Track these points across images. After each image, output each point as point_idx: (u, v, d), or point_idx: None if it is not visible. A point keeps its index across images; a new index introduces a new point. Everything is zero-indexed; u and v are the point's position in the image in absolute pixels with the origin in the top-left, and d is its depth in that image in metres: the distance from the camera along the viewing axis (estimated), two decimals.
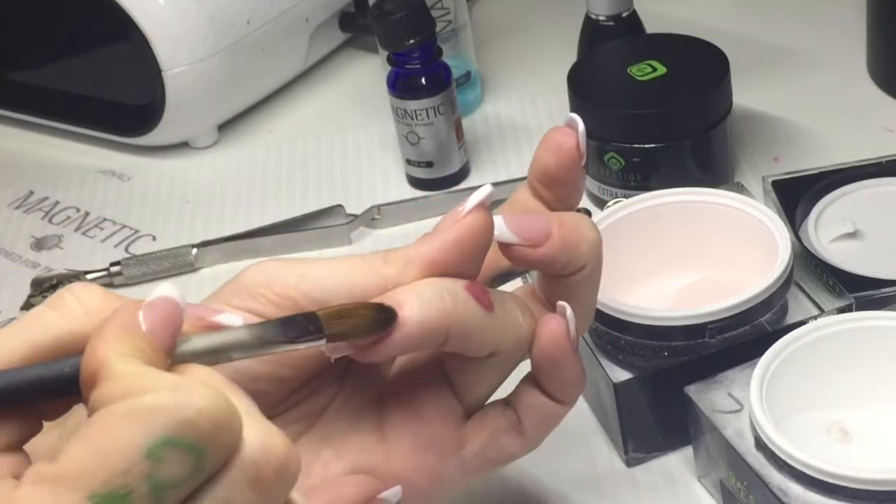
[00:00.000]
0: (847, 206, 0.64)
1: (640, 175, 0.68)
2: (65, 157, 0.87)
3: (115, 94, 0.85)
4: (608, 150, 0.68)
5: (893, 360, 0.51)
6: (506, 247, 0.42)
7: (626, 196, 0.62)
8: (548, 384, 0.44)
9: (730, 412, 0.49)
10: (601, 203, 0.69)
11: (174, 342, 0.33)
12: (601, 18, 0.77)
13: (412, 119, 0.74)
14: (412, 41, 0.72)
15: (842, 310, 0.54)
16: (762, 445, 0.47)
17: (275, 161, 0.83)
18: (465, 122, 0.78)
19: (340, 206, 0.75)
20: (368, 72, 0.90)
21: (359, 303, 0.39)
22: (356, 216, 0.74)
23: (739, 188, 0.61)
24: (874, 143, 0.72)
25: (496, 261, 0.43)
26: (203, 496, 0.30)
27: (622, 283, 0.57)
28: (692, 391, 0.51)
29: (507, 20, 0.94)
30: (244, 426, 0.30)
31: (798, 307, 0.55)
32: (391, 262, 0.41)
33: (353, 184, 0.79)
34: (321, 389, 0.44)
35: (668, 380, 0.52)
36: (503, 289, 0.45)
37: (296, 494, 0.32)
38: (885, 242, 0.62)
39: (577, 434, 0.57)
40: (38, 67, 0.89)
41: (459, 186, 0.76)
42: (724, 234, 0.58)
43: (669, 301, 0.58)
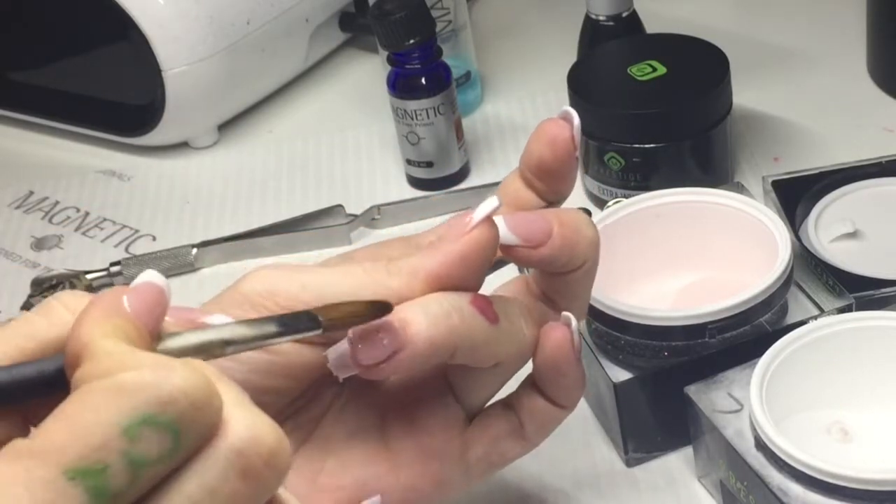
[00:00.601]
0: (847, 206, 0.64)
1: (640, 175, 0.68)
2: (65, 157, 0.87)
3: (115, 94, 0.85)
4: (608, 150, 0.68)
5: (893, 360, 0.51)
6: (506, 247, 0.42)
7: (626, 196, 0.62)
8: (550, 390, 0.44)
9: (730, 412, 0.49)
10: (601, 203, 0.69)
11: (158, 326, 0.32)
12: (601, 18, 0.77)
13: (412, 119, 0.74)
14: (412, 41, 0.72)
15: (842, 310, 0.54)
16: (762, 445, 0.47)
17: (275, 161, 0.83)
18: (465, 122, 0.78)
19: (340, 206, 0.75)
20: (368, 72, 0.90)
21: (353, 300, 0.39)
22: (356, 216, 0.74)
23: (739, 188, 0.61)
24: (874, 143, 0.72)
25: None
26: (186, 480, 0.29)
27: (622, 283, 0.57)
28: (692, 391, 0.51)
29: (507, 20, 0.94)
30: (233, 414, 0.30)
31: (798, 307, 0.55)
32: (395, 274, 0.40)
33: (353, 184, 0.79)
34: (319, 396, 0.44)
35: (668, 380, 0.52)
36: (496, 278, 0.45)
37: (285, 494, 0.32)
38: (885, 242, 0.62)
39: (577, 434, 0.57)
40: (38, 67, 0.89)
41: (459, 186, 0.76)
42: (724, 234, 0.58)
43: (669, 301, 0.58)
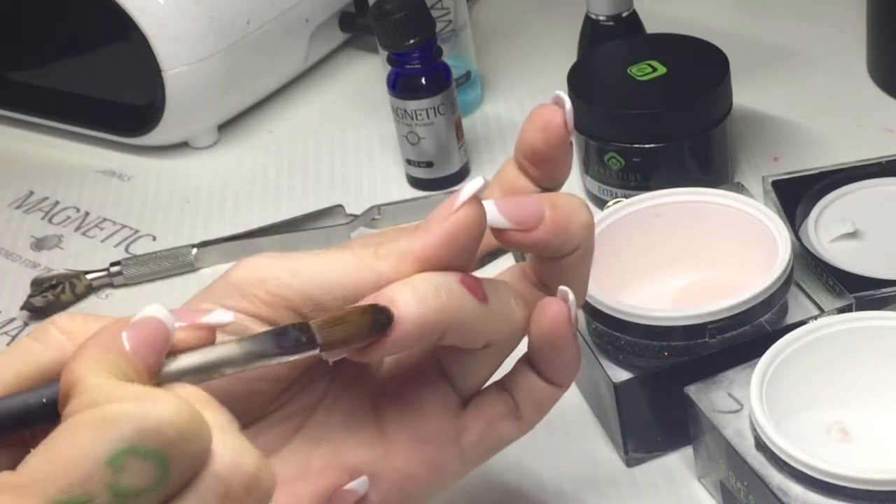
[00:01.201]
0: (847, 206, 0.64)
1: (640, 175, 0.68)
2: (65, 157, 0.87)
3: (115, 94, 0.85)
4: (608, 150, 0.68)
5: (893, 360, 0.51)
6: (499, 231, 0.42)
7: (626, 196, 0.62)
8: (545, 367, 0.44)
9: (730, 412, 0.49)
10: (601, 203, 0.69)
11: (159, 362, 0.32)
12: (601, 18, 0.77)
13: (412, 119, 0.74)
14: (412, 41, 0.72)
15: (842, 310, 0.54)
16: (762, 445, 0.47)
17: (275, 161, 0.83)
18: (465, 122, 0.78)
19: (340, 206, 0.75)
20: (368, 72, 0.90)
21: (353, 308, 0.38)
22: (356, 216, 0.74)
23: (739, 188, 0.61)
24: (874, 143, 0.72)
25: (486, 239, 0.43)
26: None
27: (622, 283, 0.57)
28: (692, 391, 0.51)
29: (507, 20, 0.94)
30: (216, 440, 0.30)
31: (798, 307, 0.55)
32: (384, 258, 0.40)
33: (353, 184, 0.79)
34: (313, 384, 0.43)
35: (668, 380, 0.52)
36: (493, 268, 0.45)
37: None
38: (885, 242, 0.62)
39: (577, 434, 0.57)
40: (38, 67, 0.89)
41: (459, 186, 0.76)
42: (724, 234, 0.58)
43: (669, 301, 0.58)
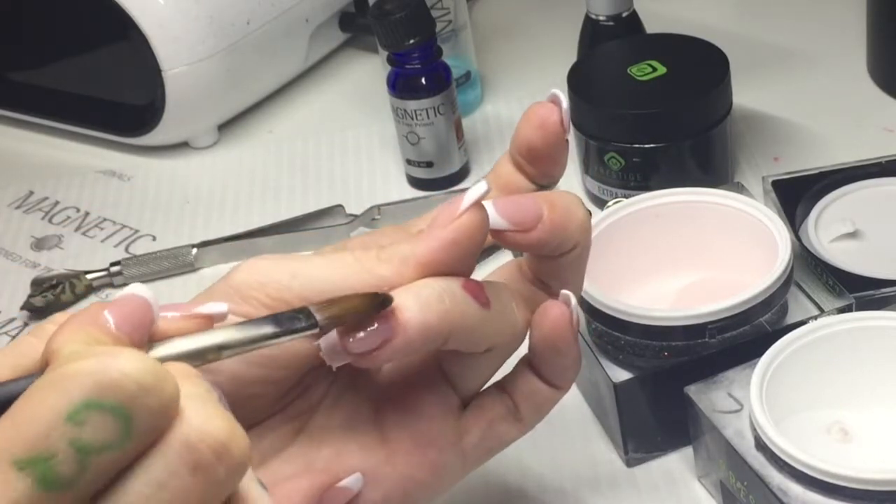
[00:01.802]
0: (847, 206, 0.64)
1: (640, 175, 0.68)
2: (65, 157, 0.87)
3: (115, 94, 0.85)
4: (608, 150, 0.68)
5: (893, 360, 0.51)
6: (496, 232, 0.41)
7: (626, 196, 0.62)
8: (546, 370, 0.44)
9: (730, 412, 0.49)
10: (601, 203, 0.69)
11: (142, 338, 0.32)
12: (601, 18, 0.77)
13: (412, 119, 0.74)
14: (412, 41, 0.72)
15: (842, 310, 0.54)
16: (762, 445, 0.47)
17: (275, 161, 0.83)
18: (465, 122, 0.78)
19: (340, 206, 0.75)
20: (368, 72, 0.90)
21: (351, 294, 0.38)
22: (356, 216, 0.74)
23: (739, 188, 0.61)
24: (874, 143, 0.72)
25: None
26: (136, 475, 0.29)
27: (622, 283, 0.57)
28: (692, 391, 0.51)
29: (507, 20, 0.94)
30: (187, 406, 0.29)
31: (798, 307, 0.55)
32: (386, 262, 0.40)
33: (353, 184, 0.79)
34: (313, 386, 0.43)
35: (668, 380, 0.52)
36: (490, 264, 0.45)
37: (251, 483, 0.32)
38: (885, 242, 0.62)
39: (577, 434, 0.57)
40: (38, 67, 0.89)
41: (459, 186, 0.76)
42: (724, 234, 0.58)
43: (669, 301, 0.58)
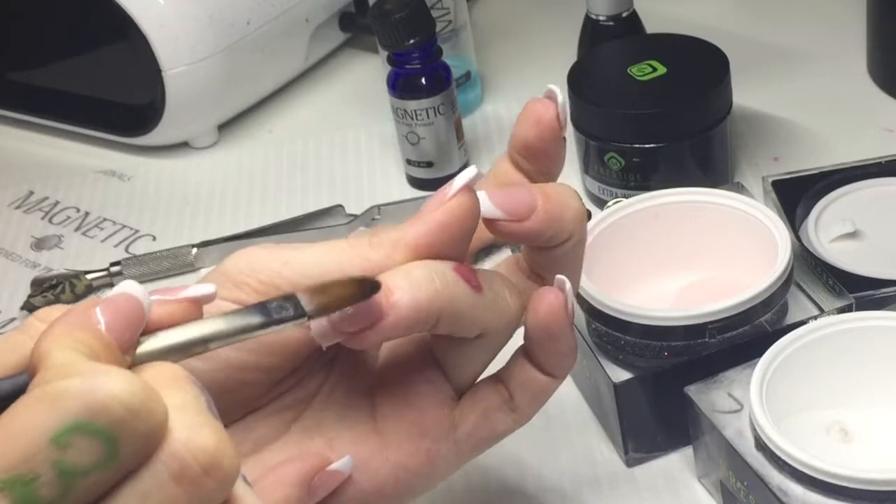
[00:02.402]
0: (847, 206, 0.64)
1: (640, 175, 0.68)
2: (65, 157, 0.87)
3: (115, 94, 0.85)
4: (608, 150, 0.68)
5: (893, 360, 0.51)
6: (490, 222, 0.41)
7: (626, 196, 0.62)
8: (541, 358, 0.44)
9: (730, 412, 0.49)
10: (601, 203, 0.69)
11: (133, 338, 0.32)
12: (601, 18, 0.77)
13: (412, 119, 0.74)
14: (412, 41, 0.72)
15: (842, 310, 0.54)
16: (762, 445, 0.47)
17: (275, 161, 0.83)
18: (465, 122, 0.78)
19: (340, 206, 0.75)
20: (368, 72, 0.90)
21: (339, 278, 0.38)
22: (356, 216, 0.74)
23: (739, 188, 0.61)
24: (874, 143, 0.72)
25: (481, 234, 0.43)
26: (122, 490, 0.29)
27: (622, 283, 0.57)
28: (692, 391, 0.51)
29: (507, 20, 0.94)
30: (174, 419, 0.29)
31: (798, 307, 0.55)
32: (377, 246, 0.40)
33: (353, 184, 0.79)
34: (309, 377, 0.43)
35: (668, 380, 0.52)
36: (490, 263, 0.45)
37: (242, 489, 0.31)
38: (885, 242, 0.62)
39: (577, 434, 0.57)
40: (38, 67, 0.89)
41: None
42: (724, 234, 0.58)
43: (669, 301, 0.58)
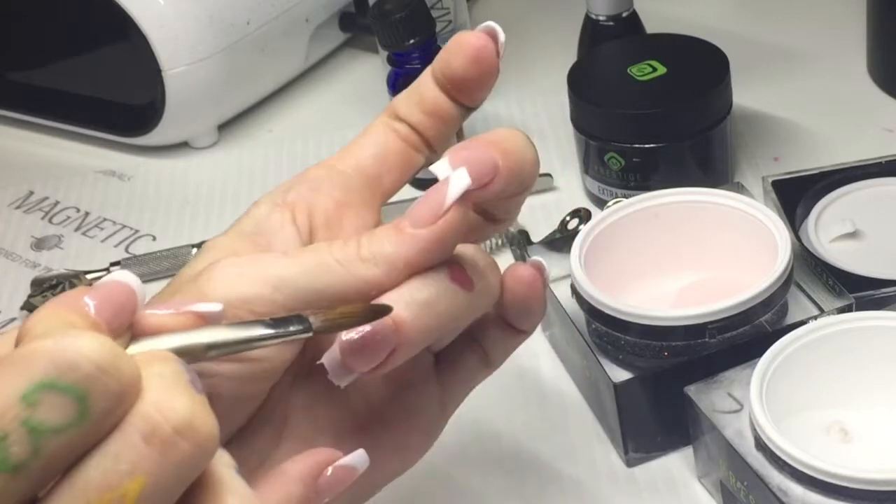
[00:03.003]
0: (847, 206, 0.64)
1: (640, 175, 0.68)
2: (65, 157, 0.87)
3: (115, 94, 0.85)
4: (608, 150, 0.68)
5: (893, 360, 0.51)
6: None
7: (626, 196, 0.62)
8: (515, 321, 0.45)
9: (730, 412, 0.49)
10: (601, 203, 0.69)
11: (122, 324, 0.32)
12: (601, 18, 0.77)
13: None
14: (412, 41, 0.72)
15: (842, 310, 0.54)
16: (762, 445, 0.47)
17: (275, 161, 0.83)
18: (465, 122, 0.78)
19: None
20: (368, 72, 0.90)
21: (349, 306, 0.38)
22: None
23: (739, 188, 0.61)
24: (874, 143, 0.72)
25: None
26: (94, 452, 0.29)
27: (622, 283, 0.57)
28: (692, 391, 0.51)
29: (507, 20, 0.94)
30: (150, 384, 0.29)
31: (798, 307, 0.55)
32: (370, 262, 0.39)
33: None
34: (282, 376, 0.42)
35: (668, 380, 0.52)
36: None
37: (226, 469, 0.31)
38: (885, 242, 0.62)
39: (577, 434, 0.57)
40: (38, 67, 0.89)
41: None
42: (724, 234, 0.58)
43: (669, 301, 0.58)
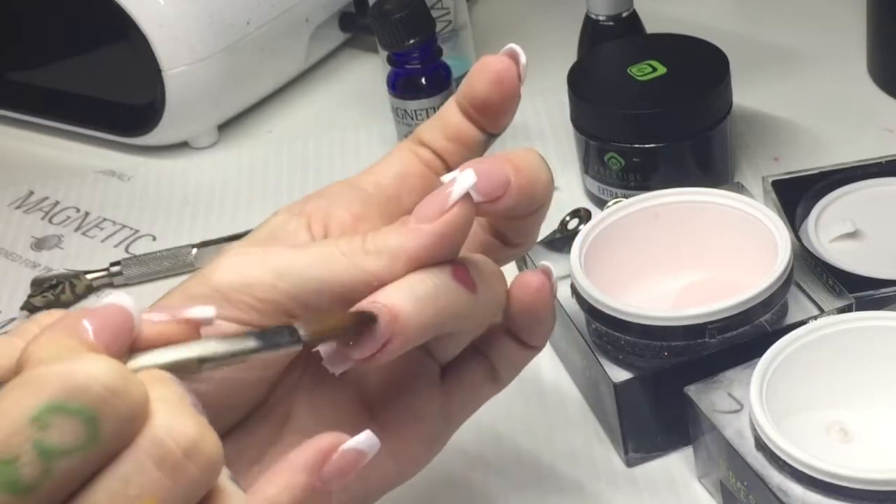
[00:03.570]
0: (847, 206, 0.64)
1: (640, 175, 0.68)
2: (65, 157, 0.87)
3: (115, 94, 0.85)
4: (608, 150, 0.68)
5: (893, 360, 0.51)
6: None
7: (626, 196, 0.62)
8: (525, 334, 0.45)
9: (730, 412, 0.49)
10: (601, 203, 0.69)
11: (121, 348, 0.32)
12: (601, 18, 0.77)
13: (412, 119, 0.74)
14: (412, 41, 0.72)
15: (842, 310, 0.54)
16: (762, 445, 0.47)
17: (275, 161, 0.83)
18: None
19: None
20: (368, 72, 0.90)
21: (338, 313, 0.38)
22: None
23: (739, 188, 0.61)
24: (874, 143, 0.72)
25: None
26: (104, 474, 0.29)
27: (622, 283, 0.57)
28: (692, 391, 0.51)
29: (507, 20, 0.94)
30: (156, 408, 0.30)
31: (798, 307, 0.55)
32: (374, 255, 0.40)
33: None
34: (288, 372, 0.42)
35: (668, 380, 0.52)
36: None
37: (225, 480, 0.32)
38: (885, 242, 0.62)
39: (578, 434, 0.57)
40: (38, 67, 0.89)
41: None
42: (724, 234, 0.58)
43: (669, 301, 0.58)
